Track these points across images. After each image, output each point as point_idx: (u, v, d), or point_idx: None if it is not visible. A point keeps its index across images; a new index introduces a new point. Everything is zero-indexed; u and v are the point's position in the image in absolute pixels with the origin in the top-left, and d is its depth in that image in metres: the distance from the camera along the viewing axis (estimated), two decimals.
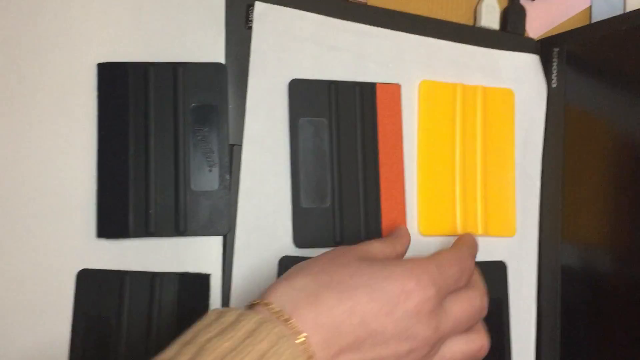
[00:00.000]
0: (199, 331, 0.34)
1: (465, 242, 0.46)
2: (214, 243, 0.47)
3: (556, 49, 0.57)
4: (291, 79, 0.50)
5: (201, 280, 0.46)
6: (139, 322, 0.45)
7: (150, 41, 0.48)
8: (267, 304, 0.36)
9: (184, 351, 0.33)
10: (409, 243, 0.46)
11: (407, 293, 0.36)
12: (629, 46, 0.53)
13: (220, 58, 0.49)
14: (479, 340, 0.42)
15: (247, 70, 0.49)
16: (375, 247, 0.42)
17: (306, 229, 0.49)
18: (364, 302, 0.36)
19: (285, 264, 0.48)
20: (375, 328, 0.36)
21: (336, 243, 0.49)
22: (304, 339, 0.34)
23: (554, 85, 0.57)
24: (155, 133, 0.47)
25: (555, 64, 0.57)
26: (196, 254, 0.47)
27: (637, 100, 0.52)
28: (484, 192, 0.54)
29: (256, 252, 0.48)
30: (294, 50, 0.50)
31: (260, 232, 0.48)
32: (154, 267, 0.46)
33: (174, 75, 0.48)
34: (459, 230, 0.53)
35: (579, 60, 0.56)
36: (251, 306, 0.37)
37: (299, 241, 0.49)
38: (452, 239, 0.52)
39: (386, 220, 0.51)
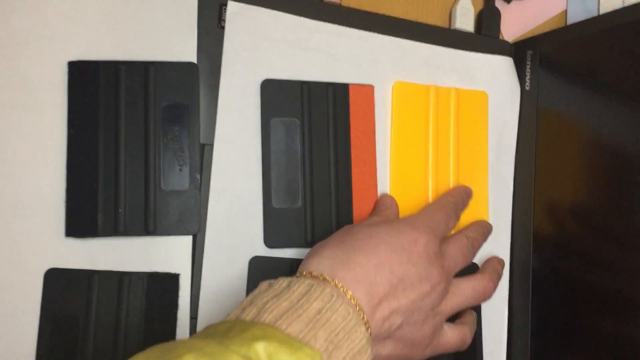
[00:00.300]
0: (255, 297, 0.37)
1: (447, 193, 0.53)
2: (184, 243, 0.47)
3: (530, 52, 0.57)
4: (263, 79, 0.50)
5: (170, 280, 0.46)
6: (107, 322, 0.45)
7: (122, 40, 0.48)
8: (309, 273, 0.39)
9: (246, 311, 0.35)
10: (398, 209, 0.51)
11: (415, 240, 0.43)
12: (601, 49, 0.53)
13: (192, 57, 0.48)
14: (484, 281, 0.48)
15: (219, 70, 0.49)
16: (374, 219, 0.48)
17: (277, 229, 0.49)
18: (387, 255, 0.41)
19: (256, 265, 0.48)
20: (401, 274, 0.41)
21: (308, 244, 0.49)
22: (350, 295, 0.38)
23: (527, 88, 0.57)
24: (125, 132, 0.46)
25: (528, 66, 0.57)
26: (166, 253, 0.46)
27: (609, 103, 0.52)
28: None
29: (226, 252, 0.48)
30: (266, 50, 0.50)
31: (231, 232, 0.48)
32: (122, 267, 0.46)
33: (145, 74, 0.47)
34: None
35: (552, 63, 0.56)
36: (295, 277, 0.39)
37: (270, 241, 0.48)
38: None
39: (358, 221, 0.50)
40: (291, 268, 0.48)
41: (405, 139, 0.53)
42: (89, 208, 0.45)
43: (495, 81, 0.57)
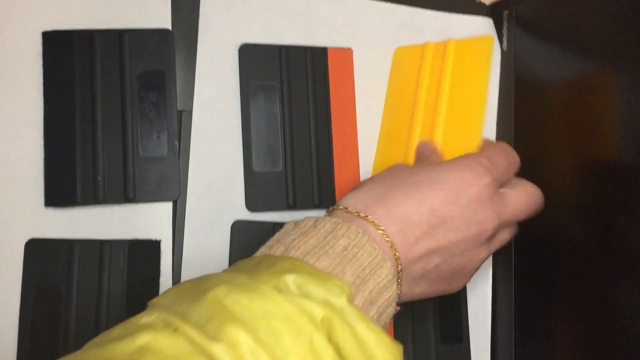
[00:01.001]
0: (282, 236, 0.36)
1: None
2: (164, 209, 0.46)
3: (506, 12, 0.56)
4: (241, 43, 0.49)
5: (151, 247, 0.45)
6: (89, 290, 0.44)
7: (95, 8, 0.46)
8: (343, 208, 0.38)
9: (274, 249, 0.35)
10: (440, 157, 0.48)
11: (467, 182, 0.39)
12: (578, 9, 0.52)
13: (167, 24, 0.47)
14: (531, 187, 0.45)
15: (194, 36, 0.48)
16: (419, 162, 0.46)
17: (259, 193, 0.48)
18: (429, 193, 0.38)
19: (238, 228, 0.47)
20: (444, 215, 0.38)
21: (289, 206, 0.48)
22: (382, 230, 0.36)
23: (504, 49, 0.56)
24: (102, 100, 0.45)
25: (505, 27, 0.56)
26: (146, 220, 0.45)
27: (586, 63, 0.51)
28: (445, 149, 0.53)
29: (208, 216, 0.47)
30: (244, 14, 0.49)
31: (212, 197, 0.47)
32: (103, 235, 0.45)
33: (119, 42, 0.46)
34: None
35: (528, 24, 0.55)
36: (327, 214, 0.39)
37: (251, 205, 0.47)
38: None
39: (339, 184, 0.50)
40: (274, 231, 0.47)
41: (394, 106, 0.52)
42: (68, 177, 0.44)
43: None
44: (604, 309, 0.48)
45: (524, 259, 0.54)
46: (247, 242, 0.47)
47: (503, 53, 0.56)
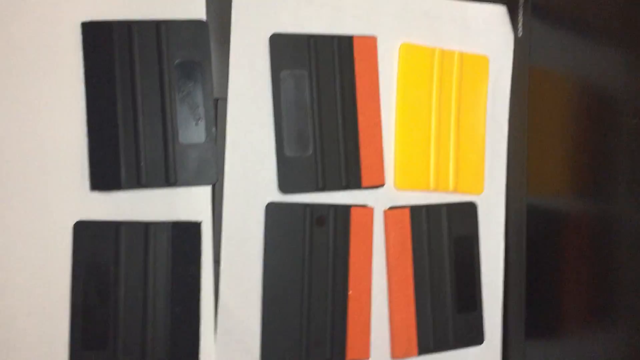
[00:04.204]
0: None
1: None
2: (203, 192, 0.46)
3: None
4: (272, 32, 0.48)
5: (193, 228, 0.45)
6: (136, 270, 0.44)
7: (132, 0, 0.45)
8: None
9: None
10: None
11: None
12: None
13: (202, 15, 0.46)
14: None
15: (228, 26, 0.47)
16: None
17: (290, 176, 0.47)
18: None
19: (272, 210, 0.47)
20: None
21: (319, 188, 0.48)
22: None
23: (519, 35, 0.55)
24: (141, 89, 0.44)
25: (521, 13, 0.55)
26: (187, 203, 0.45)
27: (600, 48, 0.50)
28: (456, 151, 0.53)
29: (244, 199, 0.46)
30: (273, 4, 0.48)
31: (247, 180, 0.47)
32: (146, 217, 0.44)
33: (157, 32, 0.45)
34: (432, 186, 0.52)
35: (543, 10, 0.54)
36: None
37: (284, 188, 0.47)
38: (426, 195, 0.52)
39: (365, 167, 0.49)
40: (304, 212, 0.48)
41: (410, 98, 0.51)
42: (112, 163, 0.44)
43: (490, 29, 0.55)
44: (609, 274, 0.48)
45: (535, 231, 0.54)
46: (280, 221, 0.47)
47: (517, 40, 0.55)
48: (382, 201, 0.50)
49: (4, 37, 0.43)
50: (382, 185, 0.50)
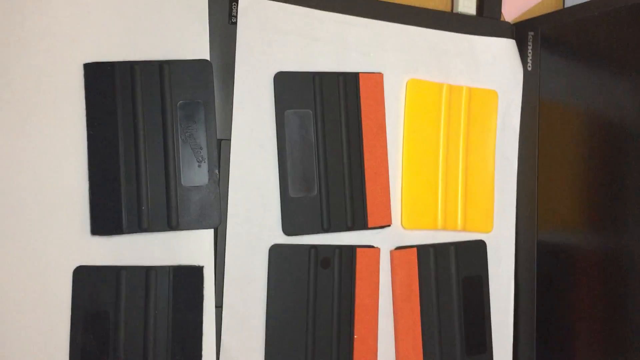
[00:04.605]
0: None
1: None
2: (206, 236, 0.45)
3: (531, 33, 0.54)
4: (276, 71, 0.47)
5: (195, 272, 0.44)
6: (137, 315, 0.43)
7: (135, 40, 0.45)
8: None
9: None
10: None
11: None
12: (601, 30, 0.50)
13: (205, 54, 0.45)
14: None
15: (231, 65, 0.46)
16: None
17: (295, 217, 0.47)
18: None
19: (276, 252, 0.46)
20: None
21: (324, 229, 0.47)
22: None
23: (529, 69, 0.54)
24: (144, 131, 0.44)
25: (530, 47, 0.54)
26: (189, 247, 0.44)
27: (610, 82, 0.49)
28: (465, 189, 0.52)
29: (247, 242, 0.46)
30: (278, 43, 0.47)
31: (251, 222, 0.46)
32: (148, 262, 0.44)
33: (160, 73, 0.44)
34: (440, 225, 0.51)
35: (553, 44, 0.53)
36: None
37: (288, 229, 0.46)
38: (434, 233, 0.51)
39: (371, 207, 0.48)
40: (309, 254, 0.47)
41: (418, 135, 0.51)
42: (113, 206, 0.43)
43: (499, 63, 0.54)
44: (622, 313, 0.47)
45: (545, 270, 0.53)
46: (284, 264, 0.46)
47: (527, 74, 0.54)
48: (388, 241, 0.49)
49: (5, 77, 0.42)
50: (388, 225, 0.49)
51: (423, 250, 0.50)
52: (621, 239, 0.48)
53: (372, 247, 0.49)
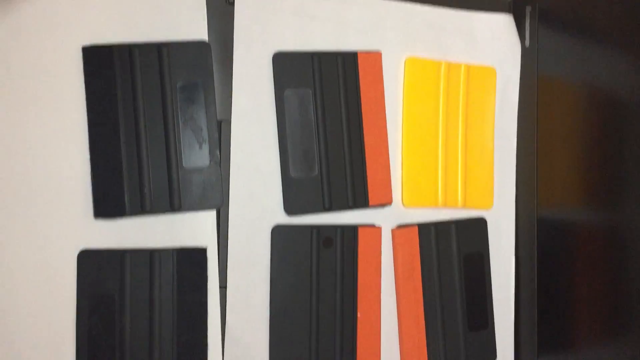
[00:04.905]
0: None
1: None
2: (208, 217, 0.45)
3: (529, 8, 0.54)
4: (275, 51, 0.47)
5: (198, 254, 0.44)
6: (142, 298, 0.43)
7: (133, 22, 0.44)
8: None
9: None
10: None
11: None
12: (600, 4, 0.50)
13: (204, 35, 0.45)
14: None
15: (229, 46, 0.46)
16: None
17: (296, 197, 0.47)
18: None
19: (278, 232, 0.46)
20: None
21: (325, 209, 0.47)
22: None
23: (527, 44, 0.54)
24: (144, 113, 0.44)
25: (527, 22, 0.54)
26: (192, 228, 0.45)
27: (609, 58, 0.49)
28: (465, 166, 0.52)
29: (250, 222, 0.46)
30: (276, 23, 0.47)
31: (253, 203, 0.46)
32: (151, 244, 0.44)
33: (158, 55, 0.44)
34: (440, 202, 0.51)
35: (551, 19, 0.53)
36: None
37: (289, 209, 0.47)
38: (434, 211, 0.51)
39: (372, 185, 0.49)
40: (311, 233, 0.47)
41: (417, 113, 0.51)
42: (115, 189, 0.43)
43: (497, 40, 0.54)
44: (622, 287, 0.48)
45: (546, 246, 0.53)
46: (286, 244, 0.46)
47: (524, 49, 0.54)
48: (390, 220, 0.50)
49: (4, 64, 0.42)
50: (389, 203, 0.49)
51: (424, 229, 0.50)
52: (621, 215, 0.48)
53: (374, 226, 0.49)
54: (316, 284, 0.47)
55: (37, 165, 0.42)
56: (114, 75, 0.44)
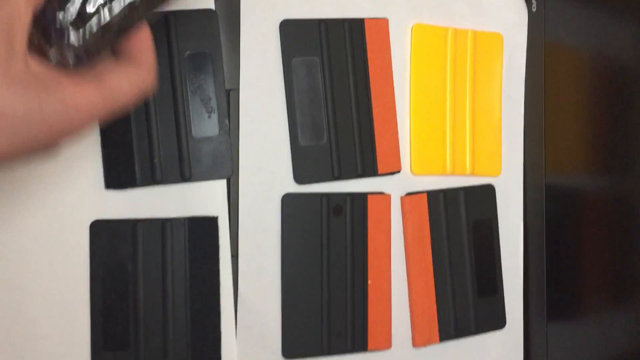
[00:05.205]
0: None
1: None
2: (219, 186, 0.45)
3: None
4: (282, 19, 0.47)
5: (209, 223, 0.45)
6: (154, 267, 0.43)
7: None
8: None
9: None
10: None
11: None
12: None
13: (210, 3, 0.45)
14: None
15: (237, 15, 0.46)
16: None
17: (305, 166, 0.47)
18: None
19: (288, 201, 0.46)
20: None
21: (335, 177, 0.48)
22: None
23: (533, 10, 0.54)
24: None
25: None
26: (202, 198, 0.45)
27: (617, 23, 0.49)
28: (472, 133, 0.52)
29: (260, 191, 0.46)
30: None
31: (263, 172, 0.46)
32: (163, 214, 0.44)
33: (165, 24, 0.44)
34: (449, 170, 0.51)
35: None
36: None
37: (299, 178, 0.47)
38: (443, 179, 0.51)
39: (381, 153, 0.49)
40: (321, 202, 0.47)
41: (424, 80, 0.51)
42: (126, 160, 0.43)
43: (503, 5, 0.54)
44: (630, 254, 0.48)
45: (554, 212, 0.54)
46: (297, 212, 0.47)
47: (531, 14, 0.54)
48: (398, 187, 0.50)
49: None
50: (398, 171, 0.50)
51: (433, 196, 0.51)
52: (629, 180, 0.48)
53: (383, 193, 0.49)
54: (327, 252, 0.47)
55: None
56: None
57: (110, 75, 0.31)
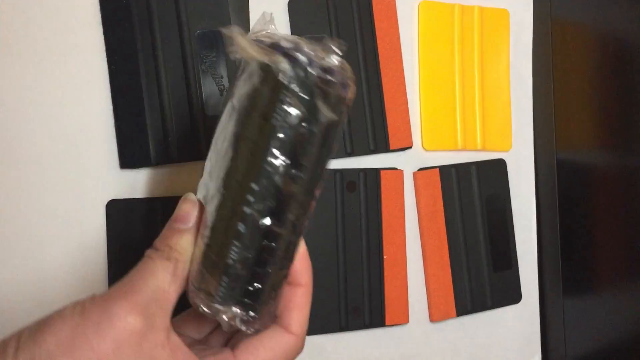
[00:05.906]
0: None
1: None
2: None
3: None
4: None
5: None
6: None
7: None
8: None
9: None
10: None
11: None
12: None
13: None
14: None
15: None
16: None
17: None
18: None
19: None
20: None
21: (347, 154, 0.48)
22: None
23: None
24: (164, 62, 0.44)
25: None
26: None
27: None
28: (482, 109, 0.53)
29: None
30: None
31: None
32: (178, 192, 0.45)
33: (175, 3, 0.45)
34: (460, 145, 0.52)
35: None
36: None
37: None
38: (454, 154, 0.51)
39: (392, 130, 0.49)
40: (335, 178, 0.48)
41: (433, 57, 0.52)
42: (140, 139, 0.44)
43: None
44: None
45: (566, 186, 0.54)
46: None
47: None
48: (410, 163, 0.51)
49: (22, 15, 0.43)
50: (410, 147, 0.50)
51: (445, 171, 0.51)
52: (638, 154, 0.49)
53: (396, 169, 0.50)
54: (342, 228, 0.48)
55: (60, 118, 0.43)
56: (132, 23, 0.44)
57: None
